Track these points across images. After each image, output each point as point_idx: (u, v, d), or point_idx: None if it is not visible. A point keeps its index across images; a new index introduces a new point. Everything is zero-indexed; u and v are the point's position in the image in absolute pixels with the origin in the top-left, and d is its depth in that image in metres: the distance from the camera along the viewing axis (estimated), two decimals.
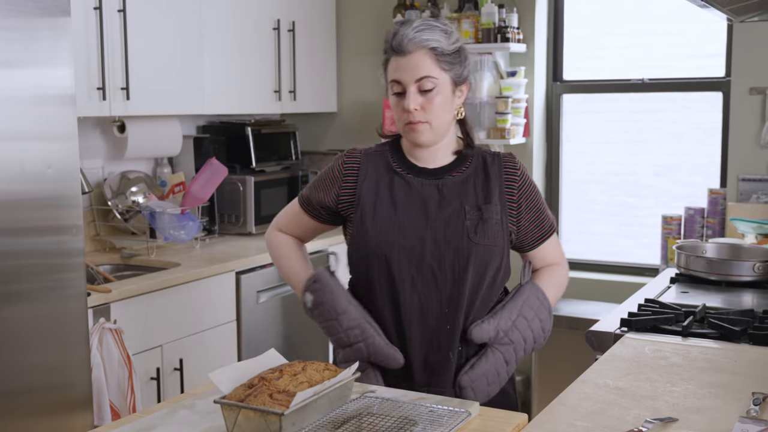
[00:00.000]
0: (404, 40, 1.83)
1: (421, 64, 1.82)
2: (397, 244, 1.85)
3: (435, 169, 1.92)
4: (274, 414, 1.36)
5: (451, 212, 1.87)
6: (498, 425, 1.53)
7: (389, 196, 1.89)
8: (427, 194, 1.89)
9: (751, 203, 3.65)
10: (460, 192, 1.89)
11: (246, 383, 1.47)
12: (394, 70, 1.85)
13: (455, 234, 1.85)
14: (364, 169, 1.93)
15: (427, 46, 1.82)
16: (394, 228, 1.86)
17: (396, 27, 1.87)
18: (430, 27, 1.84)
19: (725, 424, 1.53)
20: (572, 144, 4.25)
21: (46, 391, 2.53)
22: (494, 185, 1.90)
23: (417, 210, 1.87)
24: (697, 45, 3.93)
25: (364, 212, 1.89)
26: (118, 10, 3.19)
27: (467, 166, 1.93)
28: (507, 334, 1.84)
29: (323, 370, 1.53)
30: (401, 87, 1.84)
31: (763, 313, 2.34)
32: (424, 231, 1.85)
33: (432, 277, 1.85)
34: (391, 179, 1.91)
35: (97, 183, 3.58)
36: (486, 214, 1.87)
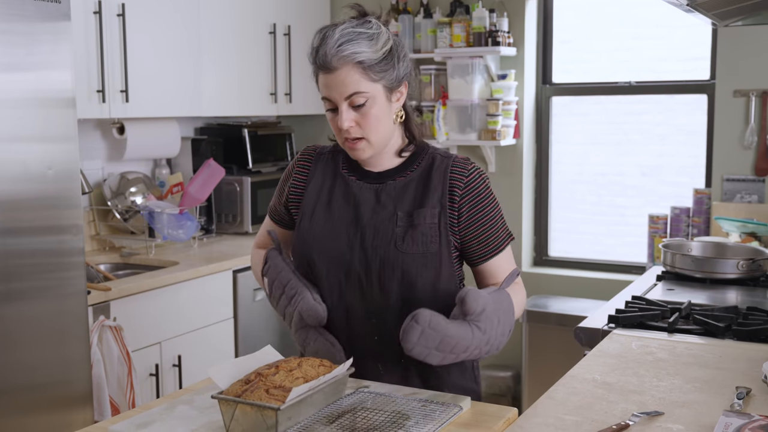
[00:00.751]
0: (327, 57, 1.66)
1: (348, 80, 1.66)
2: (327, 250, 1.76)
3: (380, 172, 1.80)
4: (270, 409, 1.37)
5: (383, 218, 1.75)
6: (489, 419, 1.53)
7: (328, 199, 1.80)
8: (364, 198, 1.77)
9: (735, 203, 3.70)
10: (397, 197, 1.76)
11: (243, 379, 1.48)
12: (323, 87, 1.71)
13: (383, 242, 1.73)
14: (314, 169, 1.85)
15: (352, 60, 1.66)
16: (326, 233, 1.77)
17: (320, 36, 1.71)
18: (354, 36, 1.67)
19: (710, 417, 1.54)
20: (561, 145, 4.30)
21: (47, 387, 2.56)
22: (434, 188, 1.75)
23: (351, 215, 1.77)
24: (683, 49, 3.98)
25: (303, 214, 1.81)
26: (118, 14, 3.22)
27: (413, 169, 1.79)
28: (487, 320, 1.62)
29: (318, 366, 1.54)
30: (332, 104, 1.70)
31: (746, 310, 2.37)
32: (354, 237, 1.75)
33: (359, 286, 1.74)
34: (334, 181, 1.82)
35: (97, 183, 3.62)
36: (416, 220, 1.73)
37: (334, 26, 1.71)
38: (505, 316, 1.67)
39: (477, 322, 1.61)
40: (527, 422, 1.55)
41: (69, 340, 2.61)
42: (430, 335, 1.57)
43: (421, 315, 1.58)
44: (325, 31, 1.71)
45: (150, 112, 3.46)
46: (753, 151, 3.68)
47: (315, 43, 1.71)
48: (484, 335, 1.62)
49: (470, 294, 1.60)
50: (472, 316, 1.61)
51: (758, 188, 3.67)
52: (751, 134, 3.66)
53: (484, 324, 1.62)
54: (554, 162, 4.32)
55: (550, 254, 4.36)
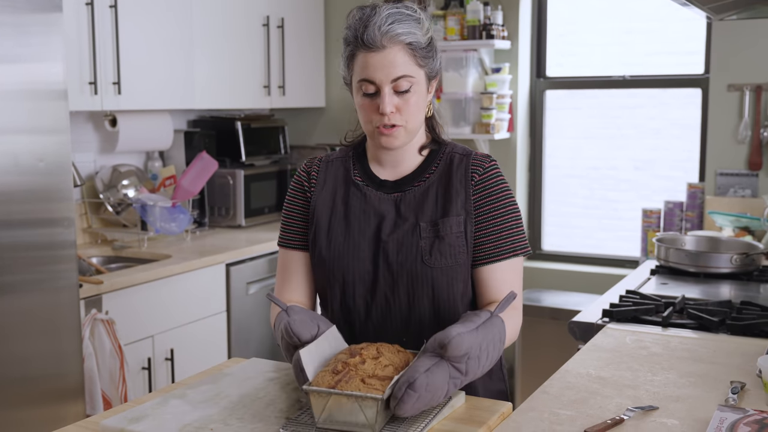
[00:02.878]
0: (376, 34, 1.56)
1: (397, 61, 1.57)
2: (351, 269, 1.66)
3: (396, 181, 1.70)
4: (373, 399, 1.35)
5: (406, 231, 1.65)
6: (483, 414, 1.53)
7: (344, 211, 1.69)
8: (384, 210, 1.67)
9: (729, 197, 3.71)
10: (417, 207, 1.67)
11: (329, 369, 1.44)
12: (364, 68, 1.59)
13: (409, 257, 1.63)
14: (323, 178, 1.73)
15: (403, 41, 1.57)
16: (347, 250, 1.66)
17: (361, 14, 1.60)
18: (403, 16, 1.59)
19: (704, 412, 1.55)
20: (555, 139, 4.30)
21: (38, 380, 2.55)
22: (456, 192, 1.66)
23: (371, 230, 1.66)
24: (677, 43, 3.98)
25: (318, 229, 1.69)
26: (110, 5, 3.20)
27: (432, 171, 1.70)
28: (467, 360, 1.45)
29: (397, 352, 1.51)
30: (374, 87, 1.59)
31: (740, 304, 2.38)
32: (377, 254, 1.65)
33: (386, 305, 1.66)
34: (348, 191, 1.71)
35: (89, 176, 3.60)
36: (442, 231, 1.64)
37: (374, 6, 1.61)
38: (492, 348, 1.50)
39: (458, 364, 1.44)
40: (522, 417, 1.55)
41: (61, 334, 2.61)
42: (425, 397, 1.40)
43: (418, 381, 1.38)
44: (367, 11, 1.60)
45: (142, 104, 3.45)
46: (747, 146, 3.68)
47: (356, 20, 1.60)
48: (464, 376, 1.46)
49: (453, 341, 1.41)
50: (454, 360, 1.43)
51: (752, 182, 3.67)
52: (744, 128, 3.66)
53: (465, 366, 1.45)
54: (548, 156, 4.32)
55: (544, 248, 4.36)
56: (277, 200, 4.23)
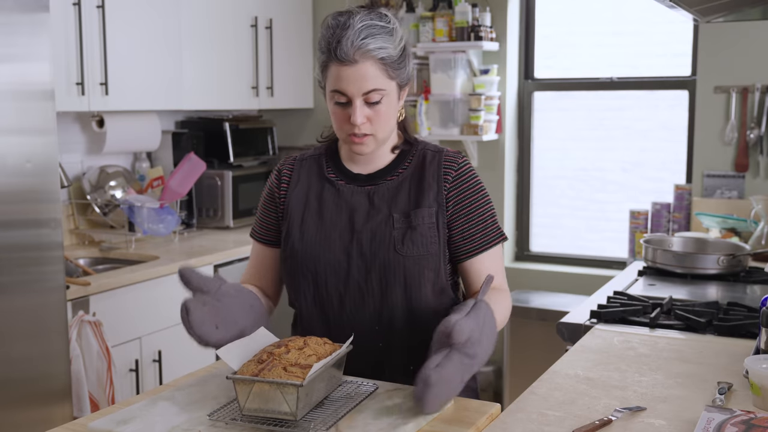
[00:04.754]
0: (348, 49, 1.59)
1: (369, 75, 1.61)
2: (323, 260, 1.69)
3: (369, 174, 1.75)
4: (293, 385, 1.40)
5: (379, 222, 1.69)
6: (471, 415, 1.53)
7: (317, 206, 1.73)
8: (356, 203, 1.72)
9: (716, 198, 3.72)
10: (390, 198, 1.72)
11: (254, 359, 1.49)
12: (336, 80, 1.62)
13: (381, 246, 1.68)
14: (296, 176, 1.78)
15: (375, 56, 1.60)
16: (320, 241, 1.70)
17: (335, 24, 1.62)
18: (376, 29, 1.61)
19: (692, 412, 1.55)
20: (543, 140, 4.31)
21: (25, 382, 2.54)
22: (429, 186, 1.72)
23: (344, 221, 1.71)
24: (664, 45, 4.00)
25: (291, 224, 1.74)
26: (97, 6, 3.19)
27: (405, 167, 1.75)
28: (471, 345, 1.50)
29: (324, 344, 1.57)
30: (346, 98, 1.63)
31: (727, 305, 2.39)
32: (350, 244, 1.69)
33: (359, 294, 1.69)
34: (322, 187, 1.75)
35: (76, 177, 3.59)
36: (414, 221, 1.69)
37: (348, 15, 1.63)
38: (489, 330, 1.56)
39: (465, 349, 1.49)
40: (510, 418, 1.55)
41: (47, 335, 2.59)
42: (442, 390, 1.45)
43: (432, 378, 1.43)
44: (342, 21, 1.62)
45: (130, 105, 3.43)
46: (733, 147, 3.70)
47: (330, 32, 1.62)
48: (473, 359, 1.51)
49: (456, 327, 1.46)
50: (459, 346, 1.48)
51: (738, 184, 3.69)
52: (731, 130, 3.68)
53: (473, 349, 1.50)
54: (536, 157, 4.33)
55: (532, 249, 4.37)
56: None
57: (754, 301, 2.50)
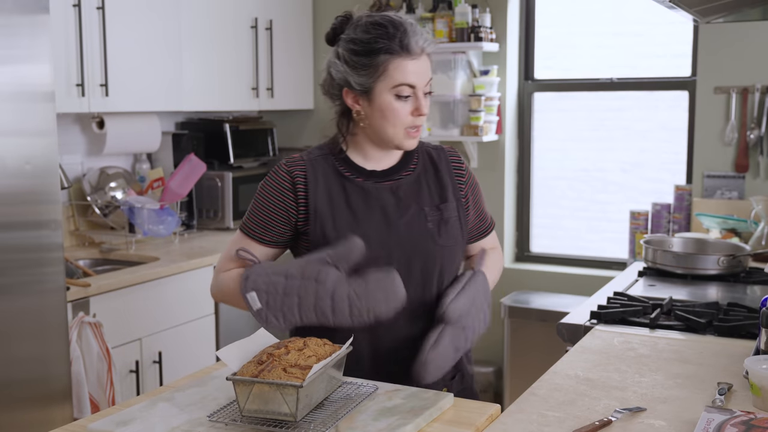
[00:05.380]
0: (414, 43, 1.69)
1: (427, 67, 1.74)
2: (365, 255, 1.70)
3: (385, 170, 1.80)
4: (292, 386, 1.40)
5: (411, 216, 1.76)
6: (471, 415, 1.54)
7: (345, 205, 1.75)
8: (384, 198, 1.76)
9: (716, 199, 3.73)
10: (415, 193, 1.79)
11: (254, 360, 1.50)
12: (404, 73, 1.70)
13: (420, 238, 1.75)
14: (312, 176, 1.76)
15: (430, 51, 1.74)
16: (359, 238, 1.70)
17: (390, 25, 1.70)
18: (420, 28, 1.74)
19: (692, 413, 1.55)
20: (543, 141, 4.31)
21: (25, 384, 2.54)
22: (447, 182, 1.82)
23: (377, 217, 1.74)
24: (664, 45, 4.00)
25: (324, 224, 1.74)
26: (97, 7, 3.19)
27: (415, 163, 1.82)
28: (462, 318, 1.69)
29: (323, 345, 1.57)
30: (411, 91, 1.71)
31: (727, 306, 2.39)
32: (387, 239, 1.73)
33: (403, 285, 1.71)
34: (343, 185, 1.76)
35: (77, 178, 3.59)
36: (446, 213, 1.79)
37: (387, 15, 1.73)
38: (480, 299, 1.75)
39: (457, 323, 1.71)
40: (510, 418, 1.56)
41: (48, 337, 2.59)
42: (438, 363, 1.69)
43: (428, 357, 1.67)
44: (391, 19, 1.72)
45: (130, 106, 3.44)
46: (733, 148, 3.70)
47: (386, 30, 1.70)
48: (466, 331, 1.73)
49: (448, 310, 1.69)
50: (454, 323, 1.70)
51: (738, 184, 3.70)
52: (731, 131, 3.68)
53: (464, 321, 1.72)
54: (536, 158, 4.33)
55: (532, 250, 4.37)
56: None
57: (754, 301, 2.50)
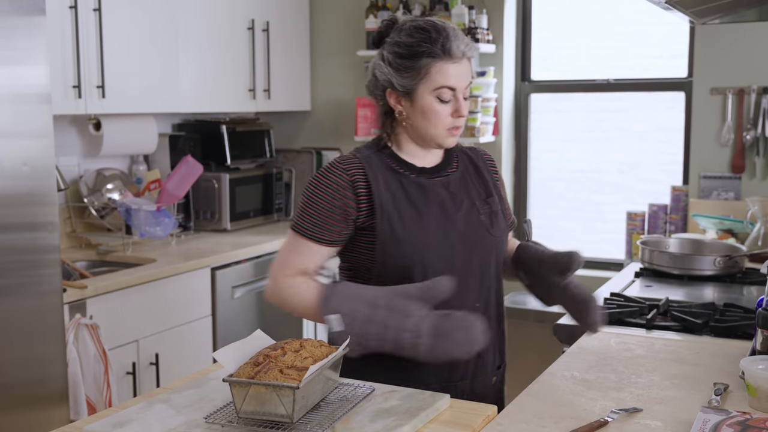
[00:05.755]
0: (455, 48, 1.76)
1: (468, 72, 1.81)
2: (430, 248, 1.78)
3: (433, 167, 1.88)
4: (289, 388, 1.40)
5: (465, 209, 1.85)
6: (468, 416, 1.54)
7: (406, 199, 1.81)
8: (439, 193, 1.84)
9: (712, 200, 3.73)
10: (464, 188, 1.88)
11: (250, 361, 1.50)
12: (445, 77, 1.77)
13: (477, 231, 1.84)
14: (371, 173, 1.81)
15: (470, 56, 1.81)
16: (422, 232, 1.79)
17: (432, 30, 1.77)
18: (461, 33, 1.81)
19: (688, 414, 1.56)
20: (540, 142, 4.32)
21: (22, 385, 2.54)
22: (487, 178, 1.93)
23: (437, 211, 1.82)
24: (661, 46, 4.01)
25: (390, 219, 1.78)
26: (94, 9, 3.19)
27: (456, 161, 1.92)
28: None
29: (320, 346, 1.57)
30: (451, 94, 1.79)
31: (723, 306, 2.39)
32: (448, 231, 1.81)
33: (464, 276, 1.80)
34: (400, 181, 1.82)
35: (73, 180, 3.59)
36: (493, 207, 1.89)
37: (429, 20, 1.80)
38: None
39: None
40: (506, 419, 1.56)
41: (44, 339, 2.59)
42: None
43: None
44: (433, 24, 1.78)
45: (127, 108, 3.43)
46: (729, 149, 3.71)
47: (429, 35, 1.76)
48: None
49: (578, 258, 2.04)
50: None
51: (735, 185, 3.70)
52: (727, 132, 3.69)
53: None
54: (533, 159, 4.33)
55: None
56: (262, 204, 4.23)
57: (751, 302, 2.50)
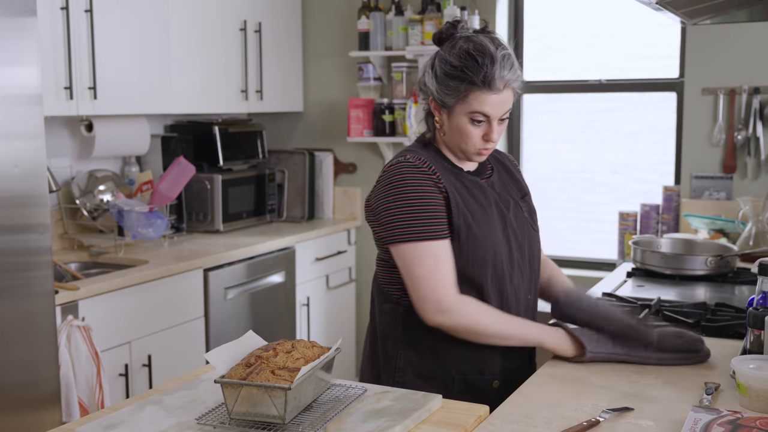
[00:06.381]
0: (498, 79, 1.79)
1: (508, 101, 1.84)
2: (500, 244, 1.88)
3: (476, 170, 1.96)
4: (280, 389, 1.40)
5: (513, 208, 1.95)
6: (460, 417, 1.55)
7: (472, 199, 1.88)
8: (492, 193, 1.93)
9: (704, 200, 3.74)
10: (504, 188, 1.98)
11: (242, 363, 1.50)
12: (481, 104, 1.81)
13: (524, 227, 1.96)
14: (440, 171, 1.87)
15: (515, 87, 1.84)
16: (490, 228, 1.88)
17: (479, 54, 1.79)
18: (513, 61, 1.82)
19: (679, 413, 1.56)
20: (532, 143, 4.33)
21: (14, 388, 2.53)
22: (519, 179, 2.05)
23: (495, 209, 1.91)
24: (652, 47, 4.02)
25: (466, 216, 1.85)
26: (85, 10, 3.18)
27: (490, 164, 2.01)
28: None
29: (312, 347, 1.58)
30: (484, 118, 1.83)
31: (715, 306, 2.39)
32: (505, 228, 1.91)
33: (519, 270, 1.93)
34: (462, 183, 1.90)
35: (65, 182, 3.58)
36: (531, 205, 2.02)
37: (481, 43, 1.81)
38: None
39: None
40: (498, 419, 1.56)
41: (36, 341, 2.58)
42: None
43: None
44: (483, 49, 1.80)
45: (119, 109, 3.43)
46: (721, 149, 3.72)
47: (475, 61, 1.79)
48: None
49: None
50: None
51: (726, 185, 3.71)
52: (719, 132, 3.70)
53: None
54: (525, 159, 4.34)
55: None
56: (255, 205, 4.23)
57: (742, 301, 2.51)
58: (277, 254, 3.88)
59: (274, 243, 3.85)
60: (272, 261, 3.85)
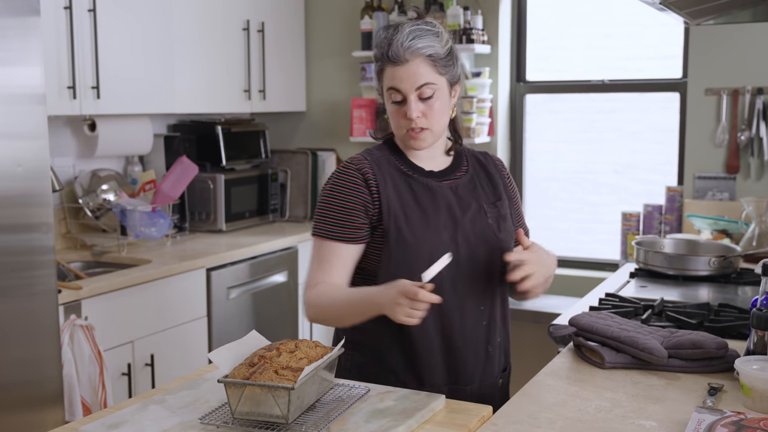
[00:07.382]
0: (400, 50, 1.78)
1: (420, 72, 1.78)
2: (437, 249, 1.79)
3: (441, 171, 1.91)
4: (284, 388, 1.41)
5: (473, 213, 1.87)
6: (464, 417, 1.55)
7: (413, 201, 1.84)
8: (446, 196, 1.87)
9: (707, 200, 3.74)
10: (471, 192, 1.90)
11: (245, 362, 1.51)
12: (391, 79, 1.81)
13: (484, 233, 1.87)
14: (380, 175, 1.85)
15: (424, 54, 1.78)
16: (430, 233, 1.82)
17: (386, 34, 1.82)
18: (423, 32, 1.80)
19: (682, 414, 1.56)
20: (535, 143, 4.32)
21: (17, 387, 2.53)
22: (497, 182, 1.95)
23: (443, 213, 1.85)
24: (655, 47, 4.02)
25: (397, 219, 1.82)
26: (89, 9, 3.19)
27: (466, 165, 1.94)
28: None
29: (315, 347, 1.58)
30: (401, 95, 1.81)
31: (718, 307, 2.39)
32: (455, 233, 1.84)
33: (469, 278, 1.85)
34: (408, 183, 1.86)
35: (68, 181, 3.58)
36: (502, 210, 1.92)
37: (398, 24, 1.83)
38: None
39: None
40: (501, 420, 1.56)
41: (39, 340, 2.59)
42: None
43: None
44: (393, 28, 1.82)
45: (122, 108, 3.43)
46: (724, 149, 3.72)
47: (383, 39, 1.82)
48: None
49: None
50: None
51: (729, 186, 3.71)
52: (722, 132, 3.70)
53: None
54: (528, 160, 4.34)
55: None
56: (257, 205, 4.23)
57: (745, 302, 2.51)
58: (279, 254, 3.88)
59: (277, 243, 3.85)
60: (275, 261, 3.86)
